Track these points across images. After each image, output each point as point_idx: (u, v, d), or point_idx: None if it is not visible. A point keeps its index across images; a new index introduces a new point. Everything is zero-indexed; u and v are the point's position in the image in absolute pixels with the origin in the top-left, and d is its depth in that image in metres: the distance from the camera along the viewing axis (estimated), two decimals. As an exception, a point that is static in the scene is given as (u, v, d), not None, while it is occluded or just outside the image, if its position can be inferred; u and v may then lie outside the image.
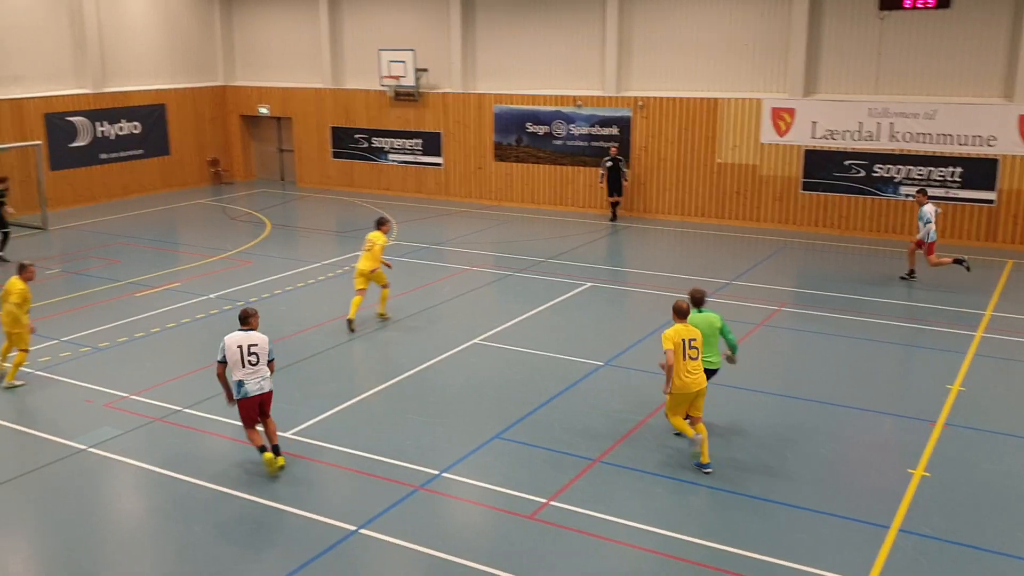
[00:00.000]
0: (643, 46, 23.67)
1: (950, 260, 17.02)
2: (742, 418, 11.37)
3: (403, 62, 25.99)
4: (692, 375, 9.76)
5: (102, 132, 26.10)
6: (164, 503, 9.36)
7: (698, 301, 10.53)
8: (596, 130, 24.35)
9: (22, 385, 12.34)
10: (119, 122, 26.52)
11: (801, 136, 22.06)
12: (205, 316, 15.45)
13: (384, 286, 15.15)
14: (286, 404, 11.69)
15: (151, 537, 8.82)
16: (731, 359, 10.77)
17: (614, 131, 24.10)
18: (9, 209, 19.64)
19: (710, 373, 10.39)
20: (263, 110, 29.40)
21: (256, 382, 9.75)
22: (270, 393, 9.89)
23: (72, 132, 25.33)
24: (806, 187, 22.24)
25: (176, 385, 12.38)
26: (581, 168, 24.68)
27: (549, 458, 10.25)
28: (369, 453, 10.30)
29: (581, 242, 21.27)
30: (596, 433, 10.87)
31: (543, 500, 9.26)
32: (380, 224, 15.27)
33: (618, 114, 23.99)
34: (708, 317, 10.47)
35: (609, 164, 23.16)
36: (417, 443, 10.58)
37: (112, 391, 12.09)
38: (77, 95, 25.40)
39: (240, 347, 9.72)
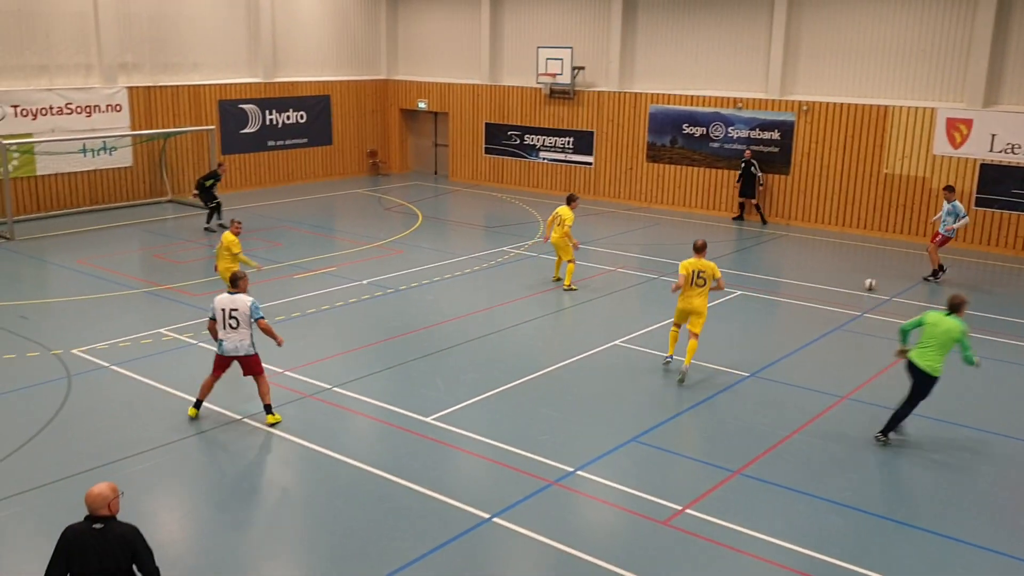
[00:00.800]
0: (811, 49, 22.87)
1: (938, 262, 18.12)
2: (896, 441, 10.80)
3: (560, 60, 26.10)
4: (692, 299, 12.43)
5: (270, 120, 27.46)
6: (310, 476, 9.75)
7: (953, 307, 10.44)
8: (756, 133, 23.71)
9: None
10: (286, 111, 27.83)
11: (978, 149, 20.77)
12: (357, 301, 16.00)
13: (569, 261, 16.65)
14: (427, 390, 11.97)
15: (296, 508, 9.20)
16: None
17: (775, 135, 23.41)
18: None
19: (928, 380, 10.39)
20: (422, 104, 30.18)
21: (232, 343, 10.62)
22: (250, 357, 10.70)
23: (243, 119, 26.76)
24: (980, 203, 20.93)
25: (328, 364, 12.88)
26: (738, 172, 24.08)
27: (687, 465, 10.06)
28: (506, 444, 10.40)
29: (733, 248, 20.76)
30: (737, 444, 10.59)
31: (678, 507, 9.10)
32: (570, 200, 16.77)
33: (780, 118, 23.29)
34: (949, 325, 10.32)
35: (743, 166, 23.12)
36: (553, 439, 10.61)
37: (267, 366, 12.60)
38: (249, 84, 26.82)
39: (223, 310, 10.63)
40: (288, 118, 27.93)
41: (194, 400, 11.05)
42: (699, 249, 12.56)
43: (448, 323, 14.83)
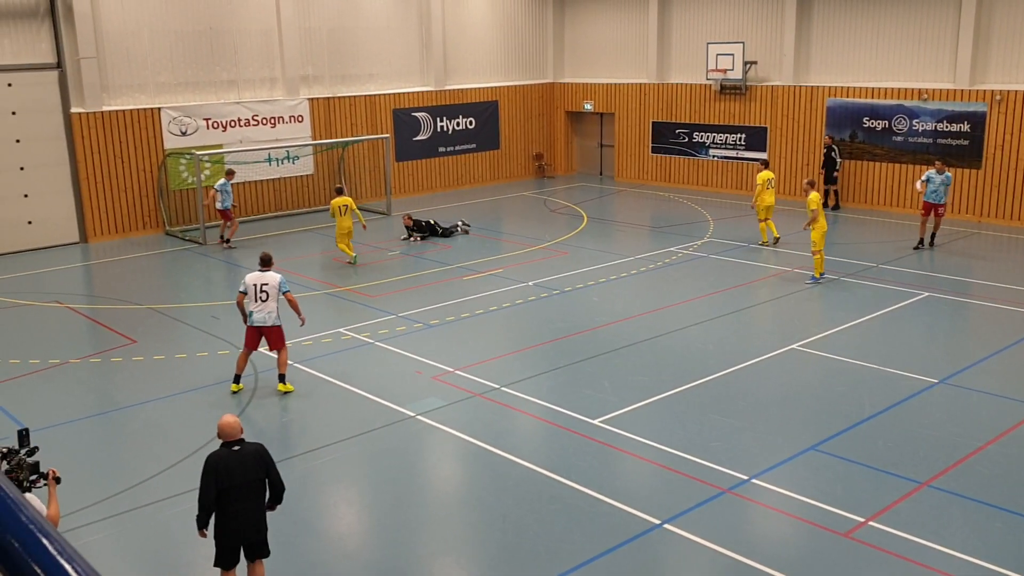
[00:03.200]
0: (1004, 33, 21.27)
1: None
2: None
3: (731, 55, 25.46)
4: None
5: (441, 127, 28.22)
6: (480, 474, 9.92)
7: None
8: (943, 126, 22.30)
9: None
10: (456, 117, 28.52)
11: None
12: (524, 302, 16.17)
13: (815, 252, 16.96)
14: (594, 392, 11.93)
15: (466, 504, 9.38)
16: None
17: (964, 127, 21.94)
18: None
19: None
20: (587, 106, 30.19)
21: (261, 315, 11.72)
22: (274, 328, 11.82)
23: (416, 126, 27.63)
24: None
25: (496, 364, 13.08)
26: (924, 167, 22.70)
27: (870, 476, 9.55)
28: (676, 450, 10.21)
29: (921, 247, 19.58)
30: (925, 455, 9.96)
31: (861, 519, 8.64)
32: (812, 185, 17.44)
33: (970, 109, 21.79)
34: None
35: (826, 151, 22.83)
36: (726, 445, 10.33)
37: (440, 365, 13.02)
38: (421, 92, 27.66)
39: (255, 284, 11.73)
40: (458, 124, 28.62)
41: (234, 376, 12.18)
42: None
43: (615, 324, 14.74)
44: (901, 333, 14.13)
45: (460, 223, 21.94)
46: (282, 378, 12.07)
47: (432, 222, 21.59)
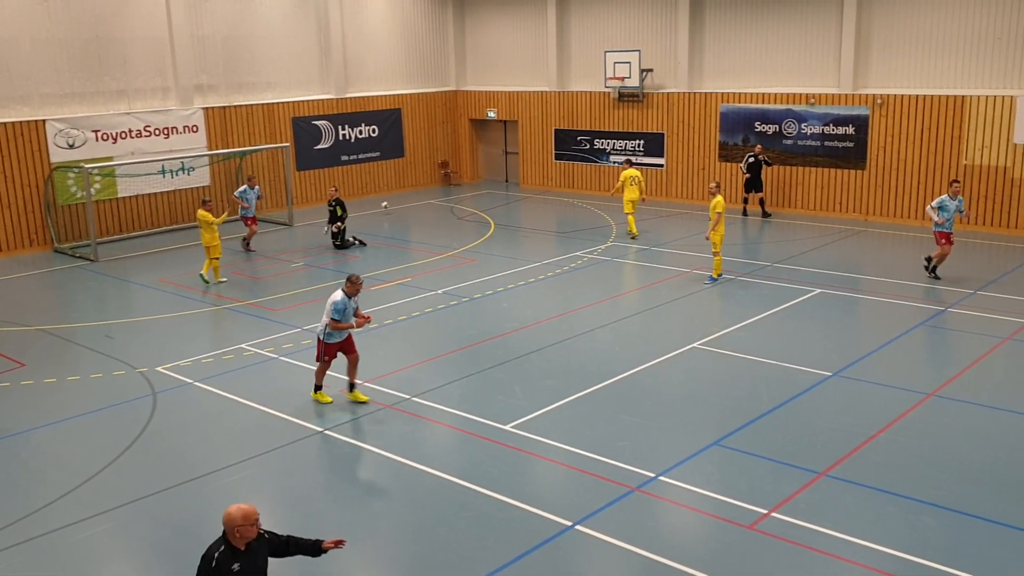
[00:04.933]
0: (883, 41, 22.33)
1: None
2: (986, 437, 10.45)
3: (628, 63, 25.98)
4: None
5: (343, 135, 27.94)
6: (391, 486, 9.86)
7: None
8: (830, 129, 23.24)
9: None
10: (359, 125, 28.29)
11: (1064, 134, 20.01)
12: (433, 310, 16.14)
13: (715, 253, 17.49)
14: (505, 398, 12.00)
15: (379, 518, 9.31)
16: None
17: (849, 130, 22.91)
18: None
19: None
20: (491, 113, 30.35)
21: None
22: (317, 340, 11.91)
23: (317, 135, 27.29)
24: (1069, 190, 20.14)
25: (406, 374, 13.02)
26: (813, 169, 23.64)
27: (771, 468, 9.88)
28: (586, 451, 10.36)
29: (811, 246, 20.36)
30: (823, 446, 10.36)
31: (764, 511, 8.94)
32: (717, 188, 17.69)
33: (854, 112, 22.78)
34: None
35: (752, 160, 23.09)
36: (634, 444, 10.53)
37: (347, 378, 12.86)
38: (322, 100, 27.34)
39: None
40: (360, 132, 28.39)
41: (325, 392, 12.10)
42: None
43: (524, 330, 14.86)
44: (796, 329, 14.65)
45: (354, 238, 21.62)
46: (316, 388, 12.15)
47: (340, 227, 21.30)
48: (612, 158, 27.50)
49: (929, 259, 17.38)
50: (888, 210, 22.70)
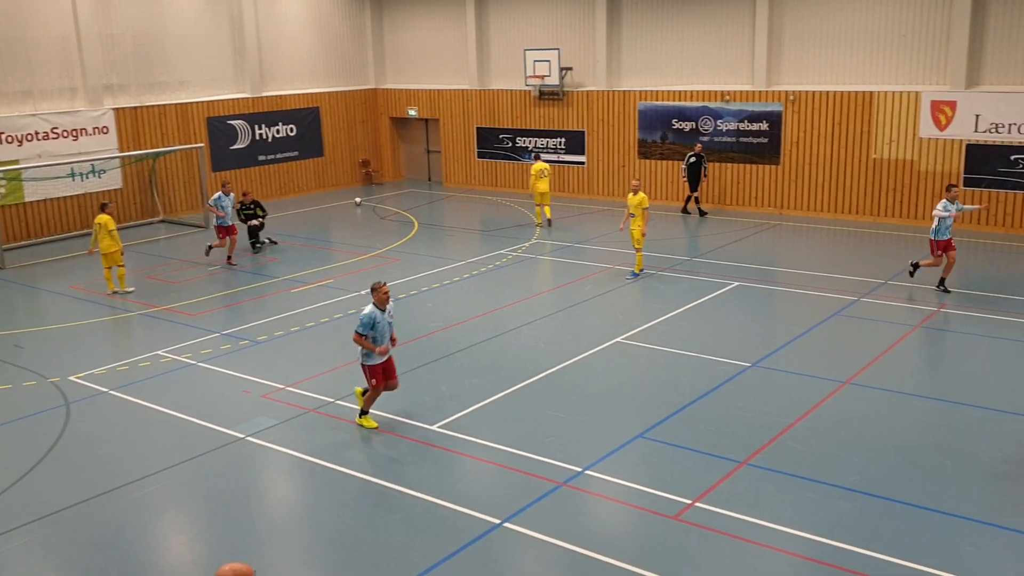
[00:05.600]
0: (794, 39, 22.92)
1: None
2: (899, 422, 10.83)
3: (548, 61, 26.13)
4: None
5: (260, 135, 27.45)
6: (316, 491, 9.73)
7: None
8: (745, 125, 23.76)
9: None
10: (276, 125, 27.82)
11: (963, 130, 20.84)
12: (356, 312, 15.96)
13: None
14: (432, 397, 11.96)
15: (303, 524, 9.18)
16: None
17: (763, 126, 23.46)
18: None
19: None
20: (412, 112, 30.19)
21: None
22: (361, 365, 11.04)
23: (232, 135, 26.75)
24: (968, 183, 20.99)
25: (329, 377, 12.86)
26: (729, 165, 24.13)
27: (694, 459, 10.07)
28: (513, 448, 10.39)
29: (728, 240, 20.80)
30: (743, 435, 10.59)
31: (688, 501, 9.10)
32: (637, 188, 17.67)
33: (767, 109, 23.33)
34: None
35: (692, 160, 23.05)
36: (560, 440, 10.61)
37: (269, 383, 12.67)
38: (237, 99, 26.80)
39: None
40: (278, 132, 27.93)
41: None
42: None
43: (449, 329, 14.82)
44: (715, 321, 14.96)
45: (268, 239, 21.27)
46: (360, 412, 11.24)
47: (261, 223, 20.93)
48: (532, 156, 27.58)
49: (917, 262, 16.54)
50: (801, 204, 23.32)
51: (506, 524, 8.79)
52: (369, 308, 10.70)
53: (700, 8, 24.13)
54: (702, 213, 23.55)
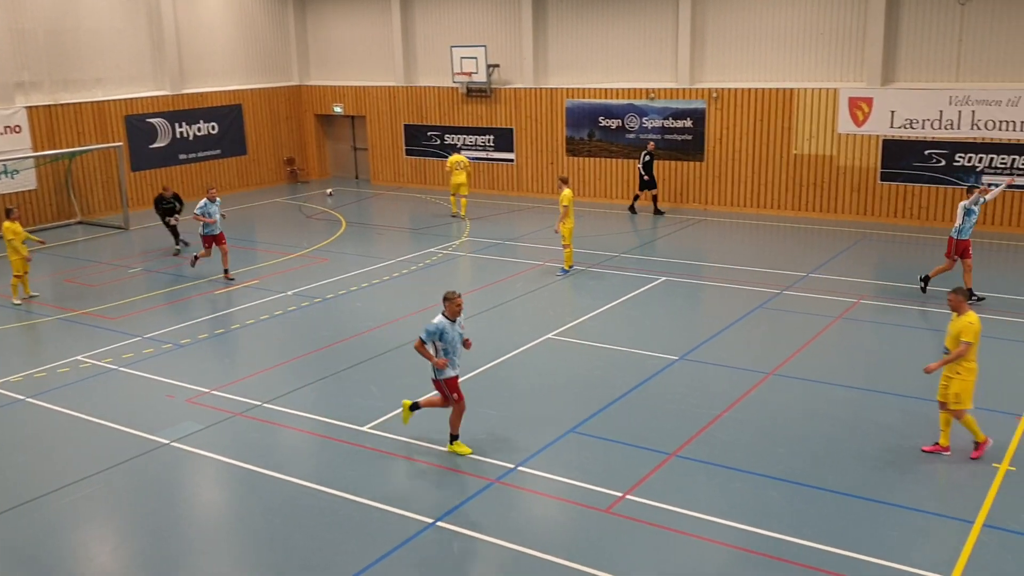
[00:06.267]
0: (716, 37, 23.33)
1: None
2: (821, 413, 11.12)
3: (475, 58, 26.09)
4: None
5: (181, 133, 26.81)
6: (245, 496, 9.56)
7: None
8: (670, 123, 24.09)
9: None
10: (197, 123, 27.22)
11: (879, 126, 21.48)
12: (283, 312, 15.74)
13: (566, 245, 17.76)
14: (362, 399, 11.85)
15: (233, 529, 9.02)
16: None
17: (688, 123, 23.82)
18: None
19: None
20: (337, 109, 29.85)
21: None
22: (433, 381, 10.24)
23: (152, 133, 26.07)
24: (884, 178, 21.65)
25: (257, 380, 12.65)
26: (656, 162, 24.40)
27: (625, 452, 10.18)
28: (445, 447, 10.35)
29: (655, 236, 21.08)
30: (672, 427, 10.75)
31: (619, 494, 9.20)
32: (564, 183, 17.70)
33: (692, 106, 23.70)
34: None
35: (647, 159, 22.96)
36: (493, 437, 10.61)
37: (194, 386, 12.40)
38: (156, 97, 26.13)
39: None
40: (199, 130, 27.32)
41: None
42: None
43: (379, 329, 14.71)
44: (644, 316, 15.15)
45: (181, 243, 20.67)
46: (451, 438, 10.33)
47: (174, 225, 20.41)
48: (463, 153, 27.53)
49: (929, 275, 15.75)
50: (725, 199, 23.76)
51: (439, 523, 8.76)
52: (439, 318, 10.01)
53: (625, 6, 24.38)
54: (659, 212, 23.39)
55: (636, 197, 23.77)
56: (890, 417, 10.95)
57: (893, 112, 21.26)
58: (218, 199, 18.10)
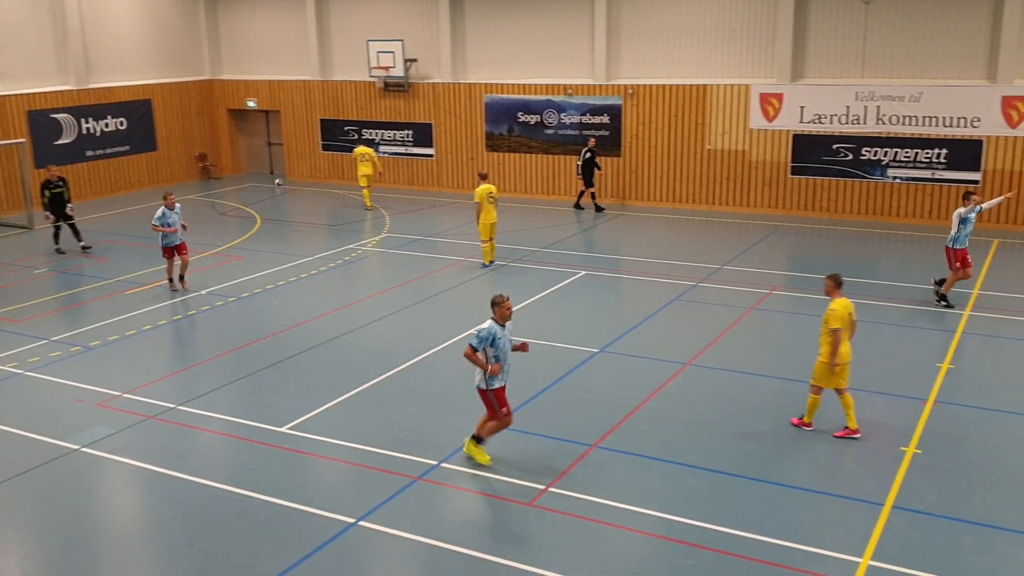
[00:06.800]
0: (632, 34, 23.62)
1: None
2: (736, 401, 11.38)
3: (392, 53, 25.88)
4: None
5: (87, 129, 25.90)
6: (160, 501, 9.31)
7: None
8: (587, 119, 24.30)
9: None
10: (104, 118, 26.33)
11: (789, 121, 22.07)
12: (197, 312, 15.38)
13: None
14: (280, 399, 11.66)
15: (148, 536, 8.77)
16: None
17: (605, 119, 24.06)
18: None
19: None
20: (251, 103, 29.25)
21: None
22: (479, 390, 9.80)
23: (56, 129, 25.13)
24: (795, 171, 22.26)
25: (169, 382, 12.33)
26: (573, 157, 24.63)
27: (547, 445, 10.25)
28: (367, 446, 10.27)
29: (575, 231, 21.25)
30: (593, 419, 10.86)
31: (542, 487, 9.26)
32: (484, 177, 17.99)
33: (608, 102, 23.95)
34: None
35: (588, 156, 22.93)
36: (415, 434, 10.56)
37: (104, 390, 12.02)
38: (61, 92, 25.19)
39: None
40: (107, 125, 26.42)
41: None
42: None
43: (298, 327, 14.48)
44: (565, 309, 15.27)
45: (82, 245, 19.75)
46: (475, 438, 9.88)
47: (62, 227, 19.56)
48: (381, 148, 27.31)
49: (941, 290, 15.04)
50: (642, 194, 24.09)
51: (361, 523, 8.68)
52: (489, 323, 9.62)
53: (542, 3, 24.48)
54: (599, 209, 23.31)
55: (580, 194, 23.51)
56: (803, 405, 11.25)
57: (803, 107, 21.86)
58: (178, 206, 16.60)
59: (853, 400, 10.38)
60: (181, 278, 16.59)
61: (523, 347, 10.03)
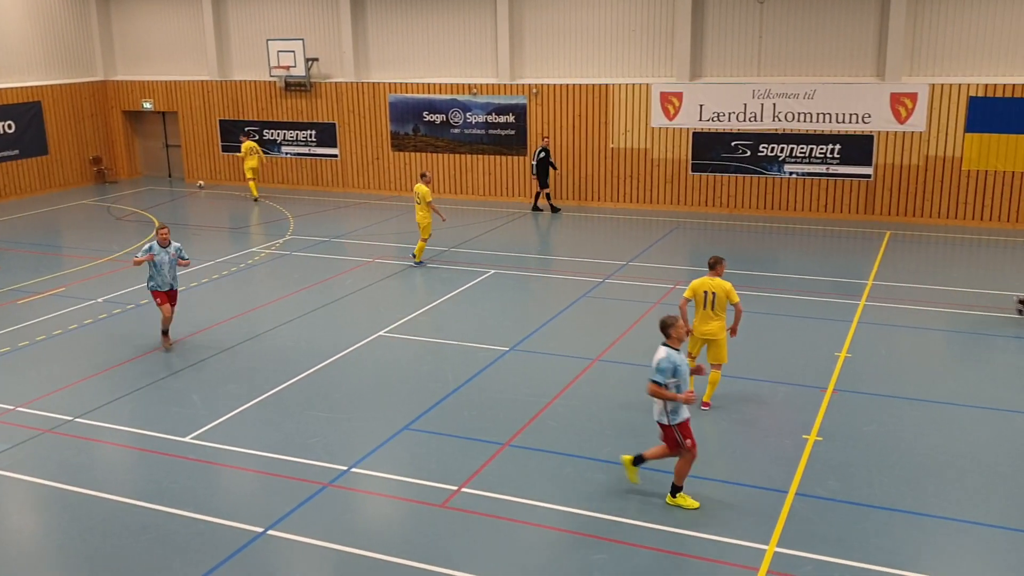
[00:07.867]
0: (535, 33, 23.79)
1: None
2: (644, 396, 11.56)
3: (292, 52, 25.46)
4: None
5: (-29, 132, 24.72)
6: (59, 518, 8.96)
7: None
8: (493, 118, 24.37)
9: None
10: (-10, 121, 25.17)
11: (689, 119, 22.58)
12: (93, 321, 14.85)
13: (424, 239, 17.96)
14: (183, 408, 11.35)
15: (48, 555, 8.43)
16: None
17: (510, 118, 24.17)
18: None
19: None
20: (147, 105, 28.37)
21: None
22: (660, 426, 8.93)
23: (-62, 133, 23.91)
24: (695, 168, 22.79)
25: (66, 394, 11.86)
26: (480, 156, 24.69)
27: (459, 445, 10.25)
28: (274, 453, 10.09)
29: (482, 230, 21.29)
30: (504, 418, 10.91)
31: (454, 488, 9.25)
32: (424, 177, 17.95)
33: (513, 102, 24.07)
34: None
35: (542, 155, 22.62)
36: (324, 440, 10.42)
37: (-4, 404, 11.50)
38: (-58, 94, 23.98)
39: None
40: (-9, 129, 25.26)
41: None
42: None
43: (200, 334, 14.11)
44: (475, 309, 15.29)
45: None
46: (672, 489, 8.95)
47: None
48: (284, 149, 26.86)
49: None
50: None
51: (269, 532, 8.52)
52: (665, 351, 8.65)
53: (444, 2, 24.43)
54: (554, 209, 23.12)
55: (537, 195, 23.23)
56: (738, 397, 11.53)
57: (702, 106, 22.39)
58: (176, 244, 13.63)
59: (720, 379, 11.11)
60: (164, 332, 13.65)
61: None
